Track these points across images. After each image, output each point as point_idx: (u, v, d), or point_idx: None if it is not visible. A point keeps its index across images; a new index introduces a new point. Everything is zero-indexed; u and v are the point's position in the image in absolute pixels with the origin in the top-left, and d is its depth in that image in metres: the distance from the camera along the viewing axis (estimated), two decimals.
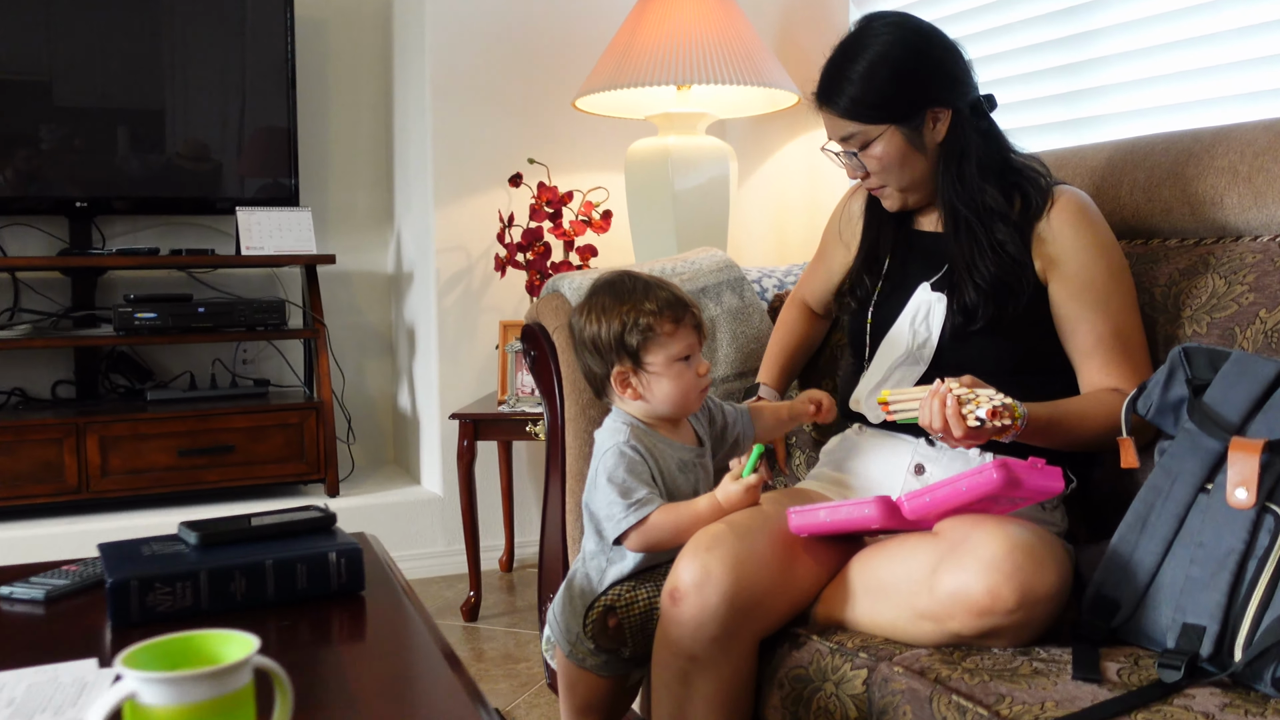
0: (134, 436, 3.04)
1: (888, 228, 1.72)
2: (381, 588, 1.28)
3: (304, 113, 3.55)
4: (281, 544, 1.25)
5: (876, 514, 1.32)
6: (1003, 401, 1.34)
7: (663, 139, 2.87)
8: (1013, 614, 1.20)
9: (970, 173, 1.57)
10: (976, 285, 1.53)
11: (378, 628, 1.18)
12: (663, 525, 1.45)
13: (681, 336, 1.51)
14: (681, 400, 1.52)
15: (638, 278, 1.55)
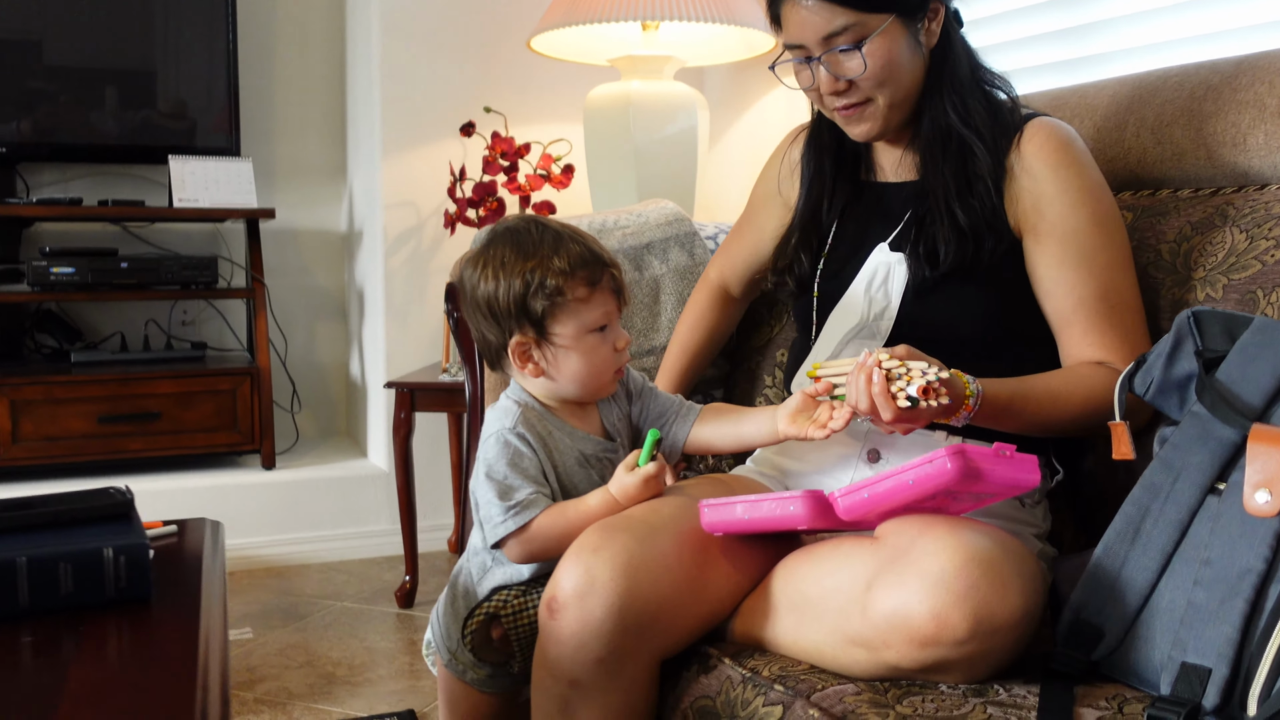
0: (49, 401, 2.79)
1: (840, 180, 1.45)
2: (181, 597, 1.02)
3: (248, 55, 3.28)
4: (55, 536, 1.00)
5: (804, 512, 1.06)
6: (938, 376, 1.08)
7: (625, 84, 2.60)
8: (964, 645, 0.94)
9: (961, 81, 1.31)
10: (954, 221, 1.27)
11: (139, 655, 0.92)
12: (548, 531, 1.19)
13: (597, 303, 1.23)
14: (593, 381, 1.26)
15: (546, 227, 1.26)
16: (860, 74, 1.27)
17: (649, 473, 1.18)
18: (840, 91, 1.31)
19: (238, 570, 2.89)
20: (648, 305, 1.84)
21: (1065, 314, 1.27)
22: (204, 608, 0.97)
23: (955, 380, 1.13)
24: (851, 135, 1.36)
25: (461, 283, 1.28)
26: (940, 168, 1.32)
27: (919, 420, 1.10)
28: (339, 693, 2.15)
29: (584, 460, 1.28)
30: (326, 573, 2.91)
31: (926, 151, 1.34)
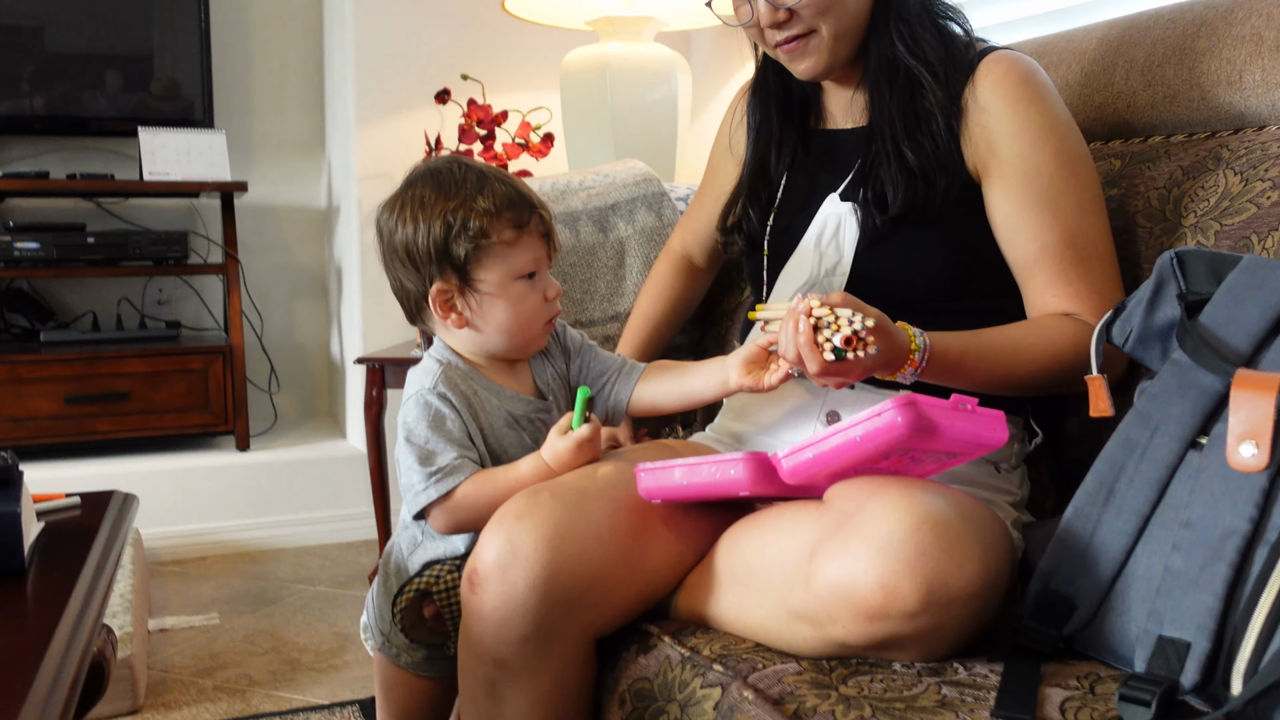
0: (13, 380, 2.71)
1: (788, 129, 1.34)
2: (58, 572, 0.93)
3: (223, 28, 3.19)
4: None
5: (745, 476, 0.96)
6: (865, 324, 0.98)
7: (602, 46, 2.50)
8: (916, 618, 0.84)
9: (911, 11, 1.21)
10: (903, 163, 1.17)
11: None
12: (474, 499, 1.10)
13: (525, 247, 1.14)
14: (521, 332, 1.17)
15: (470, 166, 1.17)
16: (799, 1, 1.17)
17: (582, 436, 1.08)
18: (781, 23, 1.21)
19: (210, 555, 2.81)
20: (612, 269, 1.75)
21: (1028, 262, 1.17)
22: (79, 584, 0.88)
23: (898, 332, 1.04)
24: (796, 73, 1.26)
25: (378, 229, 1.19)
26: (887, 104, 1.22)
27: (849, 374, 1.00)
28: (302, 679, 2.06)
29: (513, 421, 1.18)
30: (301, 557, 2.83)
31: (874, 87, 1.24)
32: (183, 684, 2.03)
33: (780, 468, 0.96)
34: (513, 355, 1.21)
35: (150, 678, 2.05)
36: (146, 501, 2.74)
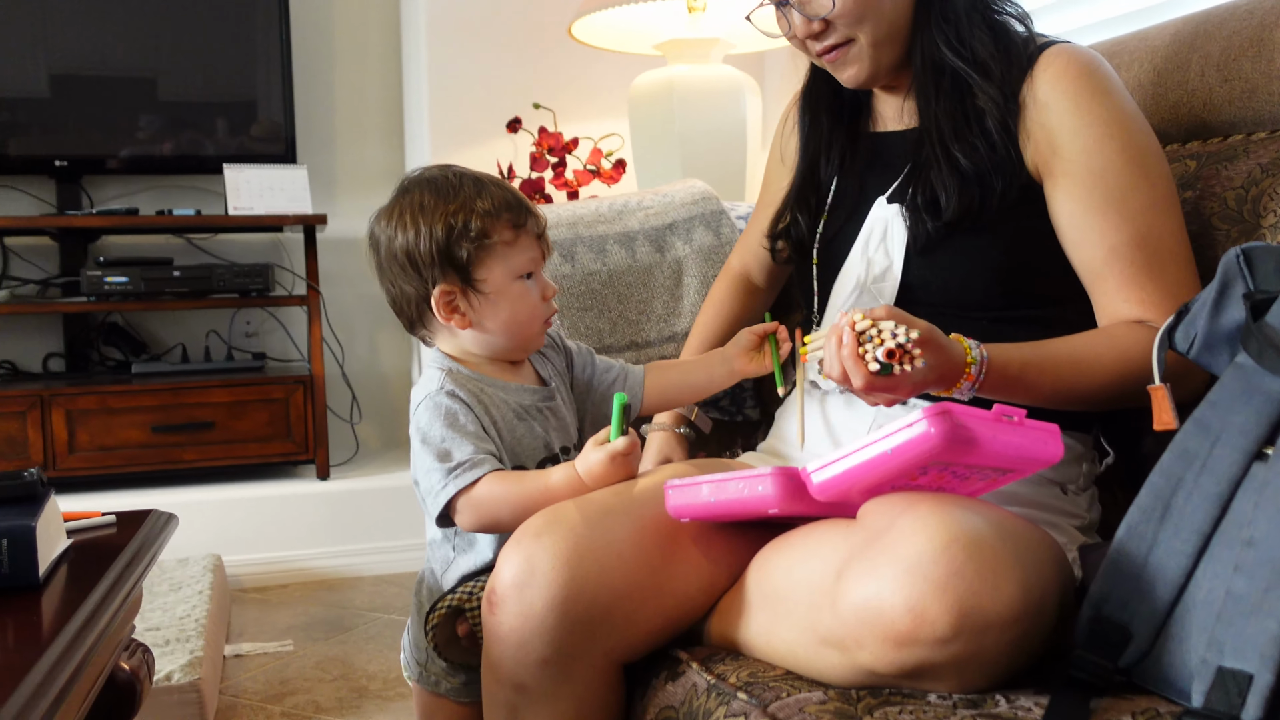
0: (104, 410, 2.78)
1: (837, 133, 1.30)
2: (78, 586, 0.93)
3: (306, 65, 3.27)
4: None
5: (774, 492, 0.91)
6: (910, 338, 0.93)
7: (669, 69, 2.47)
8: (948, 644, 0.77)
9: (957, 10, 1.15)
10: (955, 165, 1.11)
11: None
12: (500, 496, 1.07)
13: (523, 247, 1.16)
14: (521, 330, 1.17)
15: (464, 173, 1.18)
16: (832, 11, 1.13)
17: (616, 448, 1.05)
18: (817, 34, 1.17)
19: (290, 583, 2.84)
20: (669, 289, 1.71)
21: (1096, 266, 1.09)
22: (89, 599, 0.87)
23: (951, 345, 0.98)
24: (841, 81, 1.21)
25: (373, 239, 1.18)
26: (935, 106, 1.17)
27: (898, 389, 0.94)
28: (368, 707, 2.05)
29: (523, 412, 1.18)
30: (378, 585, 2.83)
31: (920, 90, 1.19)
32: (251, 709, 2.04)
33: (809, 483, 0.90)
34: (514, 355, 1.21)
35: (220, 702, 2.06)
36: (229, 530, 2.79)
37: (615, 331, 1.66)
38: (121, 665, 1.10)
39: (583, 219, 1.74)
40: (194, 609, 2.22)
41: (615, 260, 1.69)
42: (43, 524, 0.93)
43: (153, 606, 2.26)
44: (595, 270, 1.68)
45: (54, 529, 0.98)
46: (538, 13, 2.93)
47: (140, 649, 1.15)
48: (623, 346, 1.65)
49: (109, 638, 0.93)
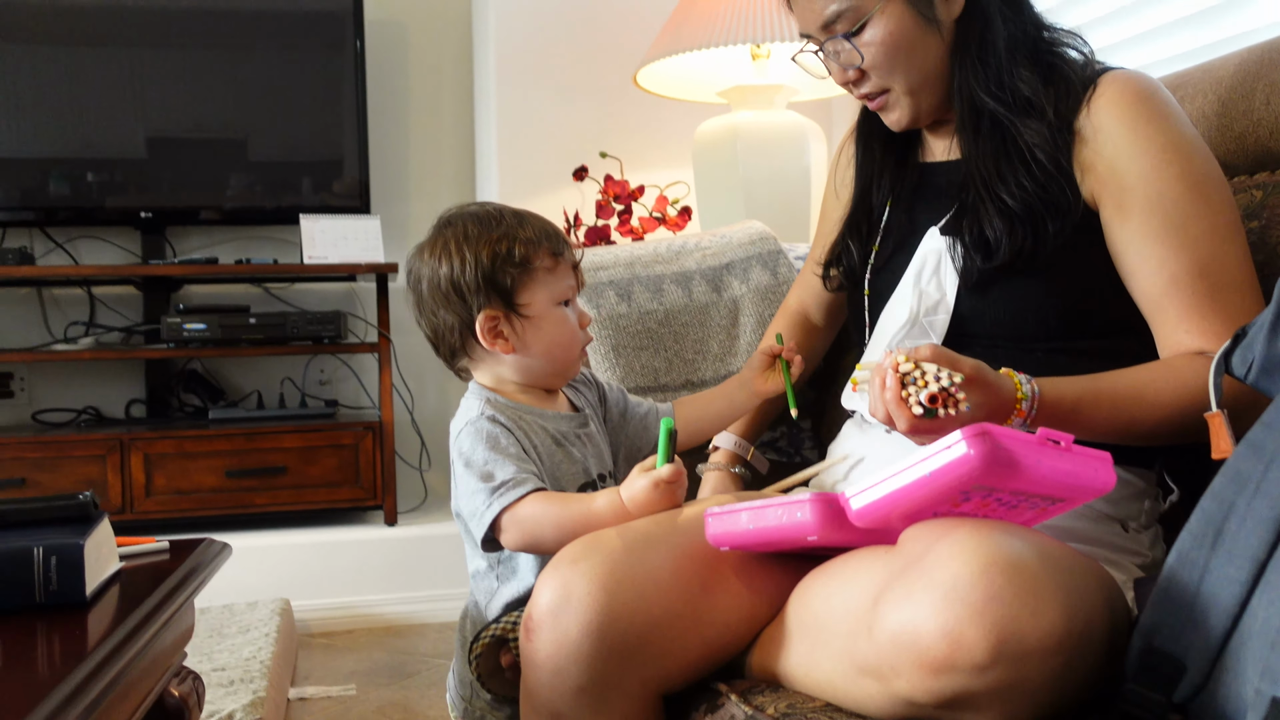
0: (180, 455, 2.85)
1: (888, 162, 1.30)
2: (122, 606, 0.94)
3: (382, 120, 3.36)
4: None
5: (813, 518, 0.89)
6: (954, 380, 0.91)
7: (732, 116, 2.49)
8: (986, 671, 0.75)
9: (995, 51, 1.14)
10: (1002, 206, 1.09)
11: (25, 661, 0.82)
12: (542, 515, 1.08)
13: (563, 274, 1.21)
14: (563, 355, 1.21)
15: (502, 206, 1.23)
16: (862, 62, 1.15)
17: (661, 475, 1.04)
18: (853, 81, 1.19)
19: (356, 628, 2.85)
20: (725, 328, 1.70)
21: (1156, 296, 1.07)
22: (133, 618, 0.88)
23: (1000, 381, 0.96)
24: (889, 126, 1.22)
25: (413, 274, 1.23)
26: (976, 148, 1.16)
27: (943, 432, 0.93)
28: None
29: (560, 438, 1.20)
30: (443, 632, 2.83)
31: (961, 132, 1.18)
32: None
33: (848, 509, 0.88)
34: (553, 381, 1.24)
35: None
36: (297, 574, 2.83)
37: (671, 370, 1.66)
38: (171, 691, 1.11)
39: (640, 259, 1.75)
40: (260, 650, 2.24)
41: (672, 300, 1.70)
42: (92, 544, 0.95)
43: (221, 648, 2.29)
44: (652, 310, 1.69)
45: (105, 551, 1.00)
46: (604, 62, 2.98)
47: (191, 676, 1.16)
48: (678, 385, 1.65)
49: (155, 658, 0.94)
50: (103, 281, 3.19)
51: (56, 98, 3.01)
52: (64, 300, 3.23)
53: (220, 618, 2.53)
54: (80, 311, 3.23)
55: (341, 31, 3.15)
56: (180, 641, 1.14)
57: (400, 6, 3.41)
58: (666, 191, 2.82)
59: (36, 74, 3.00)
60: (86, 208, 3.06)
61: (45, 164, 3.02)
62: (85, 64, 3.03)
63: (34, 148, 3.01)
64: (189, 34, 3.09)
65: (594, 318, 1.67)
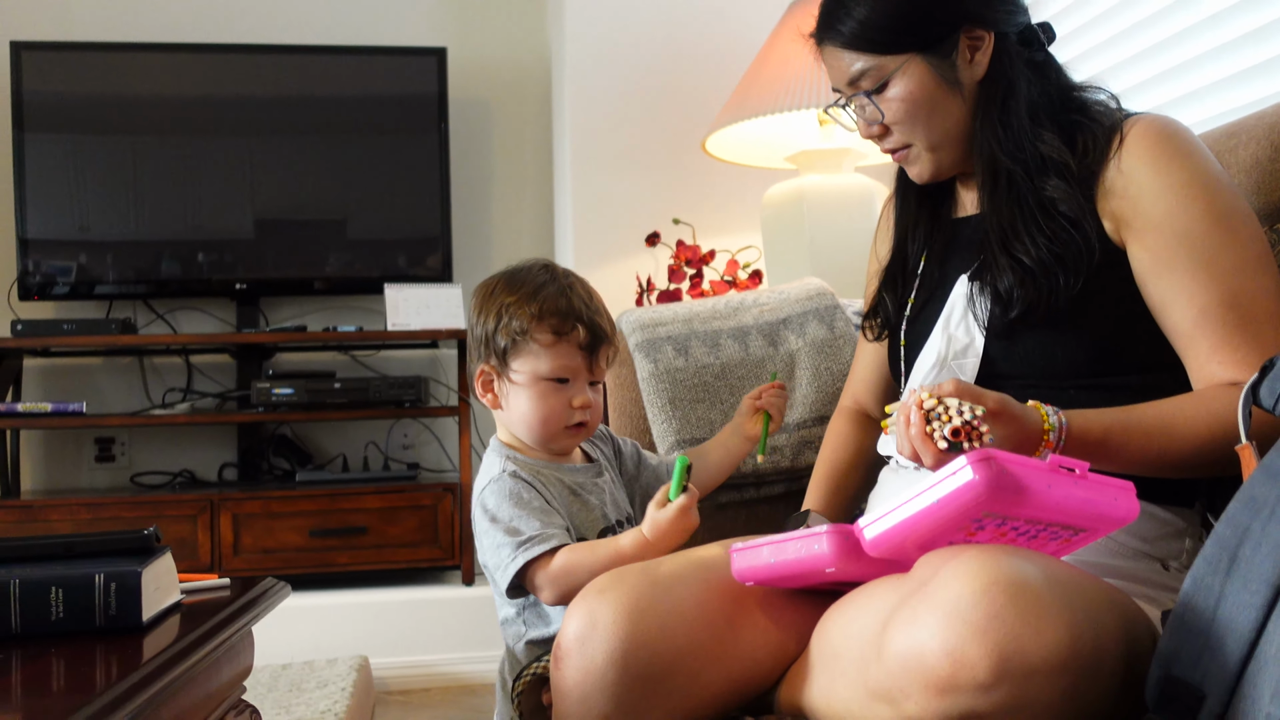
0: (267, 515, 2.95)
1: (923, 216, 1.33)
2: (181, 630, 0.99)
3: (466, 193, 3.48)
4: (62, 565, 1.00)
5: (829, 550, 0.91)
6: (975, 413, 0.92)
7: (799, 180, 2.53)
8: (990, 691, 0.75)
9: (1017, 113, 1.17)
10: (1015, 262, 1.12)
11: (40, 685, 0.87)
12: (576, 566, 1.12)
13: (559, 355, 1.23)
14: (540, 427, 1.25)
15: (551, 271, 1.28)
16: (883, 119, 1.19)
17: (681, 504, 1.10)
18: (877, 136, 1.24)
19: (433, 686, 2.89)
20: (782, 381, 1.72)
21: (1187, 329, 1.07)
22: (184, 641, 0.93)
23: (1026, 414, 0.98)
24: (911, 177, 1.26)
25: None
26: (993, 206, 1.19)
27: None
28: None
29: (577, 489, 1.25)
30: None
31: (985, 182, 1.21)
32: None
33: (862, 539, 0.89)
34: (538, 447, 1.27)
35: None
36: (377, 632, 2.88)
37: (727, 422, 1.67)
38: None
39: (698, 315, 1.79)
40: (335, 704, 2.29)
41: (728, 354, 1.73)
42: (150, 573, 1.00)
43: (299, 701, 2.35)
44: (708, 364, 1.72)
45: (165, 582, 1.06)
46: (675, 131, 3.05)
47: (249, 709, 1.21)
48: None
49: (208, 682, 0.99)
50: (199, 350, 3.34)
51: (172, 184, 3.21)
52: (163, 368, 3.39)
53: (300, 673, 2.59)
54: (178, 378, 3.38)
55: (428, 112, 3.29)
56: (239, 675, 1.19)
57: (484, 86, 3.55)
58: (737, 256, 2.87)
59: (154, 163, 3.21)
60: (192, 281, 3.22)
61: (160, 246, 3.21)
62: (199, 153, 3.22)
63: (150, 231, 3.20)
64: (292, 122, 3.27)
65: (651, 371, 1.71)
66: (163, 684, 0.83)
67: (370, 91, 3.31)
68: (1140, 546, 1.07)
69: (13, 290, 3.16)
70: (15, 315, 3.15)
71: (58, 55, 3.15)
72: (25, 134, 3.10)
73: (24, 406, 2.93)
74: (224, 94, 3.24)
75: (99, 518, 2.88)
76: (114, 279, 3.19)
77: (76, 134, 3.18)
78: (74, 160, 3.17)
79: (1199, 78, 1.98)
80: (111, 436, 3.35)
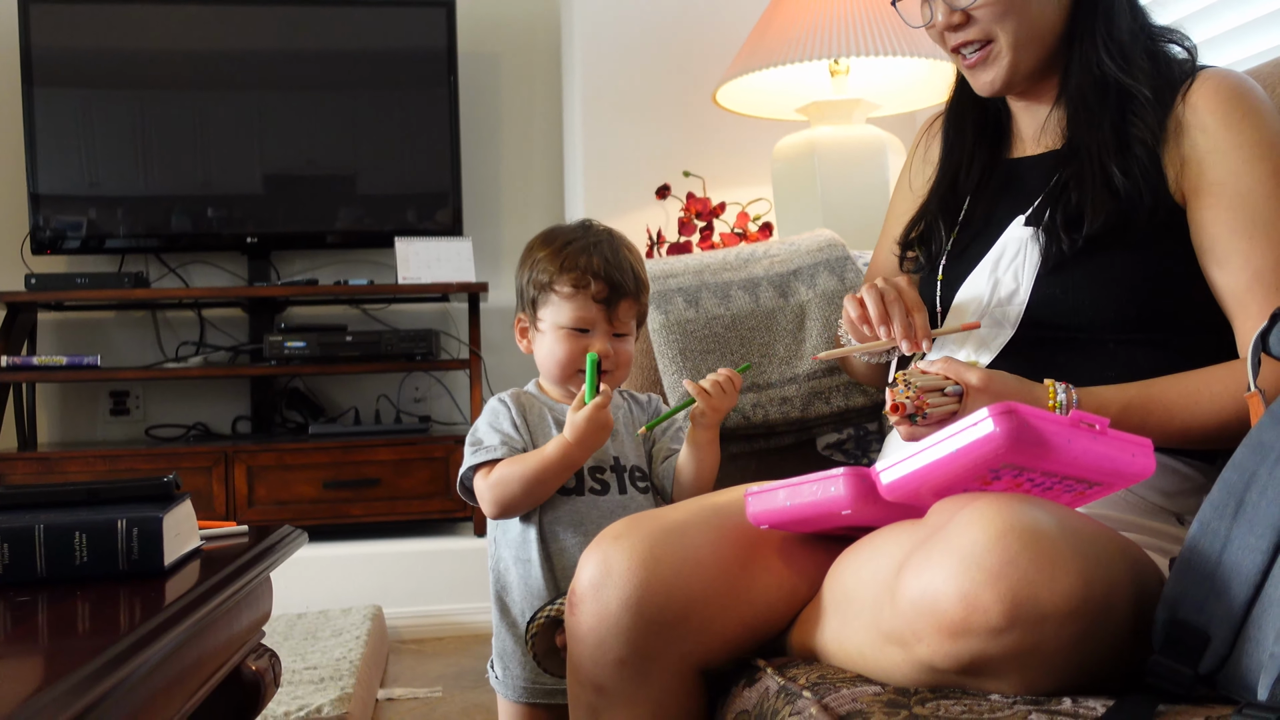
0: (281, 467, 2.97)
1: (979, 152, 1.30)
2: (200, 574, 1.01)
3: (475, 147, 3.47)
4: (85, 511, 1.01)
5: (845, 492, 0.92)
6: (930, 385, 0.97)
7: (811, 132, 2.52)
8: (1002, 635, 0.76)
9: (1119, 29, 1.15)
10: (1107, 179, 1.10)
11: (97, 623, 0.89)
12: (508, 475, 1.28)
13: (577, 306, 1.33)
14: (558, 370, 1.36)
15: (588, 230, 1.40)
16: (974, 3, 1.14)
17: (597, 403, 1.23)
18: (957, 26, 1.18)
19: (445, 635, 2.93)
20: (791, 333, 1.73)
21: (1239, 291, 1.07)
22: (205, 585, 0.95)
23: (1030, 388, 1.01)
24: (976, 88, 1.22)
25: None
26: (1096, 121, 1.15)
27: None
28: None
29: (554, 427, 1.35)
30: None
31: (1079, 104, 1.18)
32: None
33: (879, 483, 0.90)
34: (560, 388, 1.39)
35: None
36: (390, 582, 2.92)
37: None
38: (249, 665, 1.18)
39: (709, 267, 1.79)
40: (350, 652, 2.33)
41: (738, 305, 1.73)
42: (171, 519, 1.02)
43: (314, 649, 2.38)
44: (718, 315, 1.72)
45: (185, 528, 1.08)
46: (685, 83, 3.03)
47: (269, 654, 1.23)
48: (745, 389, 1.68)
49: (228, 627, 1.01)
50: (212, 304, 3.35)
51: (180, 139, 3.21)
52: (176, 322, 3.40)
53: (315, 622, 2.63)
54: (191, 332, 3.40)
55: (437, 66, 3.27)
56: (258, 621, 1.21)
57: (493, 39, 3.53)
58: (747, 208, 2.86)
59: (163, 117, 3.20)
60: (203, 236, 3.23)
61: (170, 201, 3.21)
62: (208, 108, 3.21)
63: (160, 186, 3.21)
64: (301, 77, 3.25)
65: (662, 323, 1.72)
66: (185, 626, 0.85)
67: (379, 45, 3.29)
68: (1159, 501, 1.08)
69: (25, 244, 3.17)
70: (29, 269, 3.16)
71: (67, 8, 3.13)
72: (35, 89, 3.10)
73: (39, 360, 2.96)
74: (233, 48, 3.23)
75: (115, 469, 2.91)
76: (124, 233, 3.20)
77: (85, 88, 3.17)
78: (83, 115, 3.17)
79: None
80: (126, 390, 3.37)
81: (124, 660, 0.73)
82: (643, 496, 1.36)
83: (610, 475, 1.33)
